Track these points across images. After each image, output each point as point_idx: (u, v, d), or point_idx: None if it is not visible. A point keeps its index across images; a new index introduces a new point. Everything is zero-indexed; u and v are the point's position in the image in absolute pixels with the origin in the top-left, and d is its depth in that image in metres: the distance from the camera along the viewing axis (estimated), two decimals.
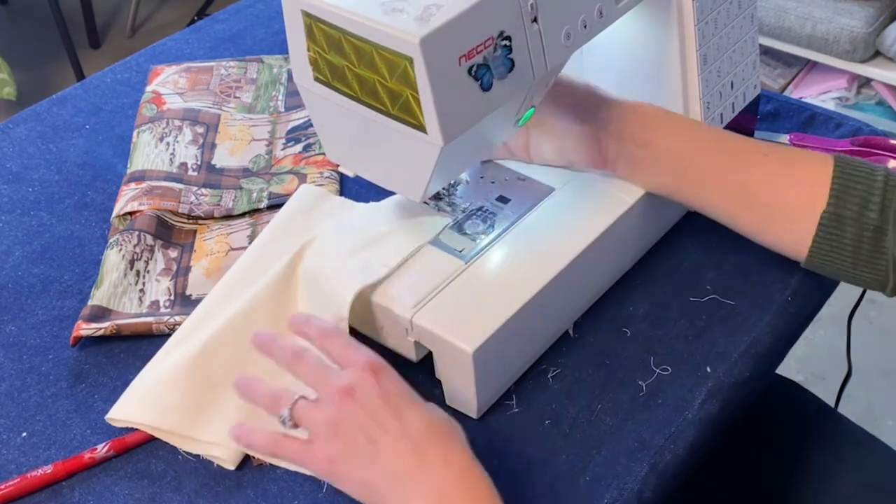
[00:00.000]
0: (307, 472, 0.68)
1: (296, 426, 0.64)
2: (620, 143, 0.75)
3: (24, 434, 0.72)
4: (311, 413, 0.63)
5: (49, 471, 0.68)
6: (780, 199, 0.73)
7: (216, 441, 0.69)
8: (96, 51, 2.68)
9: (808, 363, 1.75)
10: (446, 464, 0.60)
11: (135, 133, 0.96)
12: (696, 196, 0.76)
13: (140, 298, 0.80)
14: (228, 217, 0.88)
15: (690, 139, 0.75)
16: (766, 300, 0.79)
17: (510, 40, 0.62)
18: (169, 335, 0.77)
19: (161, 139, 0.94)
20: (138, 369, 0.75)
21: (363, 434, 0.61)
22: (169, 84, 1.02)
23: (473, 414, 0.71)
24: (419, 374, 0.72)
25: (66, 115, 1.02)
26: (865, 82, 2.24)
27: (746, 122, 0.89)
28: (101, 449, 0.69)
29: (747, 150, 0.75)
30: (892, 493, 0.84)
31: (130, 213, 0.86)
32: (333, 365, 0.65)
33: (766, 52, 2.25)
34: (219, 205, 0.88)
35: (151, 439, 0.71)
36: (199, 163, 0.93)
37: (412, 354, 0.72)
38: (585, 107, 0.75)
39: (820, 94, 2.22)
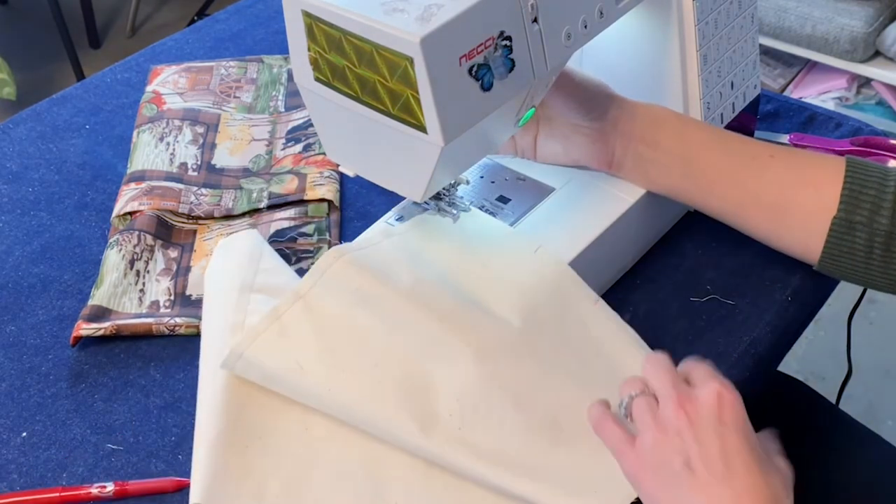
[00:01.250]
0: None
1: (631, 418, 0.62)
2: (629, 143, 0.75)
3: (24, 434, 0.72)
4: (646, 411, 0.61)
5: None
6: (790, 203, 0.73)
7: None
8: (96, 51, 2.68)
9: (808, 363, 1.75)
10: None
11: (135, 133, 0.96)
12: (704, 198, 0.76)
13: (140, 298, 0.80)
14: (228, 217, 0.88)
15: (699, 141, 0.75)
16: (766, 300, 0.79)
17: (510, 40, 0.62)
18: (169, 336, 0.77)
19: (161, 139, 0.94)
20: (139, 369, 0.75)
21: (681, 455, 0.58)
22: (169, 84, 1.02)
23: None
24: None
25: (66, 115, 1.02)
26: (865, 82, 2.23)
27: (746, 122, 0.89)
28: (107, 489, 0.67)
29: (756, 152, 0.74)
30: (894, 490, 0.84)
31: (130, 213, 0.86)
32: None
33: (766, 52, 2.25)
34: (219, 205, 0.88)
35: (156, 492, 0.68)
36: (199, 163, 0.93)
37: None
38: (596, 104, 0.75)
39: (820, 94, 2.22)
